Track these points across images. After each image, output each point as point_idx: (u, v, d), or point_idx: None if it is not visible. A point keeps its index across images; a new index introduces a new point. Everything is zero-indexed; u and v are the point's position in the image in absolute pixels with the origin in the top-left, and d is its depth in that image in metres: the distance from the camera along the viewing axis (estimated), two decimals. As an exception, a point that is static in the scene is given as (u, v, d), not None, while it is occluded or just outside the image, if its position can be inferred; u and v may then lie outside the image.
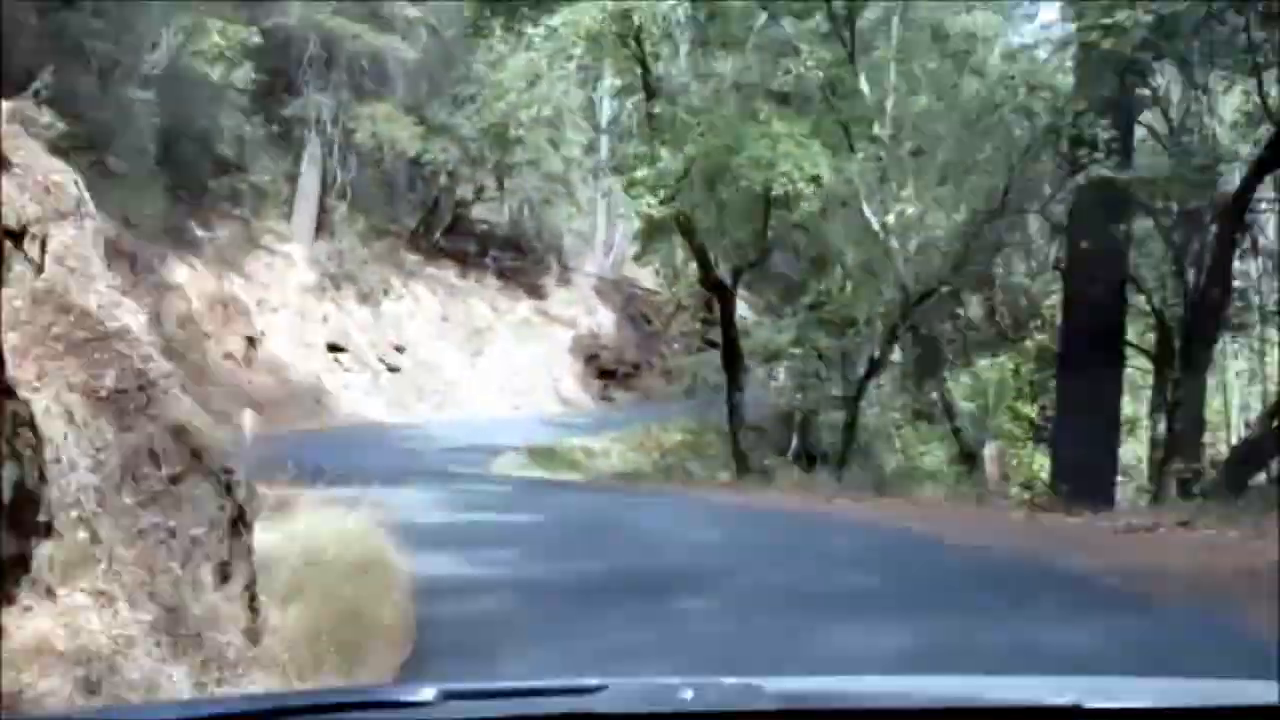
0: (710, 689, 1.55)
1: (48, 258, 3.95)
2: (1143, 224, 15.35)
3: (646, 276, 31.69)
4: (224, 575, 4.10)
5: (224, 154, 23.23)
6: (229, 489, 4.19)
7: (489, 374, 27.12)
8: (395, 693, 1.63)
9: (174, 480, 3.96)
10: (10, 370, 3.51)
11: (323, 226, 25.39)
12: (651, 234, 18.74)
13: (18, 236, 3.82)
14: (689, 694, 1.52)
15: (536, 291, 30.07)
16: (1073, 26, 14.46)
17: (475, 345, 27.32)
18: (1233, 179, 14.86)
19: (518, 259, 30.08)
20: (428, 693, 1.52)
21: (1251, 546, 7.68)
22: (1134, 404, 18.15)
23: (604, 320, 30.74)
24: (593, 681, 1.54)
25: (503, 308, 28.74)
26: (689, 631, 5.87)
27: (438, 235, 28.73)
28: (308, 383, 22.66)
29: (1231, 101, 15.94)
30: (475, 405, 25.73)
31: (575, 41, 14.73)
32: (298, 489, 7.11)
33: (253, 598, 4.27)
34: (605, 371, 29.52)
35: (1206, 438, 15.75)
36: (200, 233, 22.60)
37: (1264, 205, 15.85)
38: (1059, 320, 16.39)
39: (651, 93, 16.01)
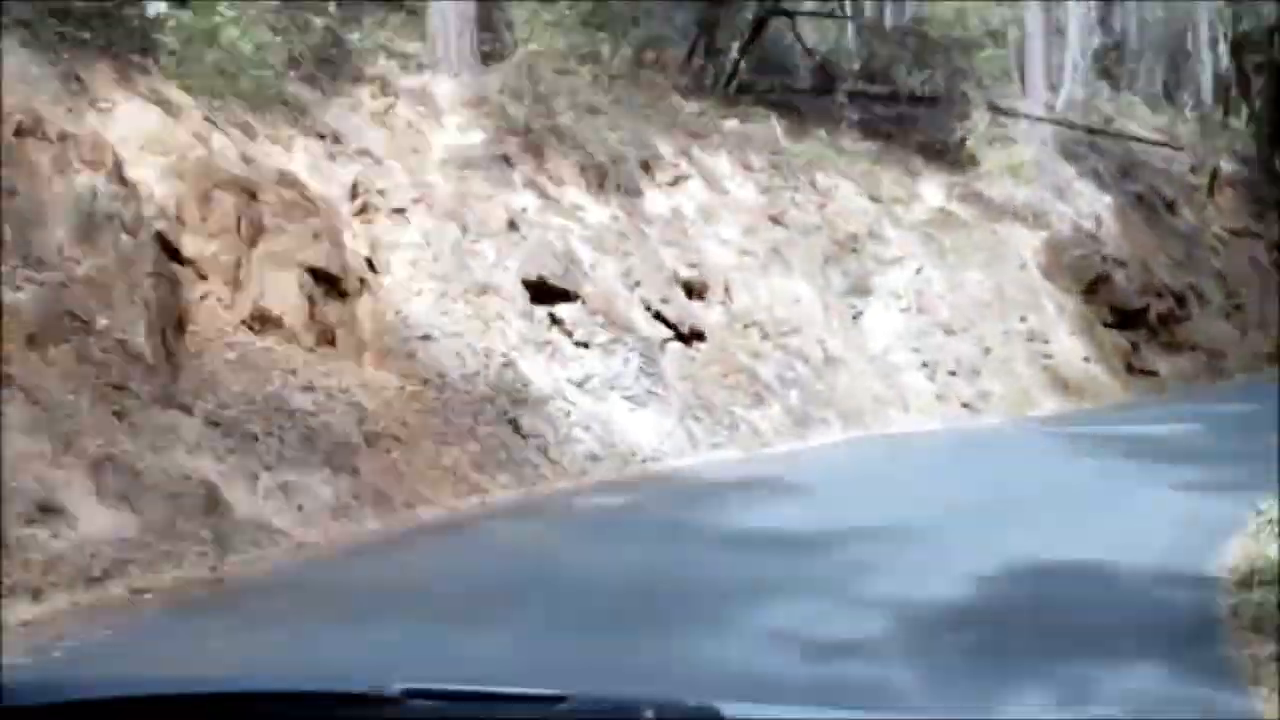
0: (670, 709, 1.54)
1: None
2: None
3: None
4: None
5: None
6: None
7: (888, 333, 12.12)
8: (358, 688, 1.59)
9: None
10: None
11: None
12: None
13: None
14: (650, 713, 1.51)
15: (944, 156, 14.57)
16: None
17: (851, 274, 12.34)
18: None
19: (893, 100, 14.80)
20: (391, 690, 1.54)
21: None
22: None
23: (1095, 205, 14.89)
24: (554, 692, 1.54)
25: (892, 192, 13.48)
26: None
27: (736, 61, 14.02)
28: (484, 374, 8.53)
29: None
30: (884, 413, 10.91)
31: None
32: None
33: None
34: (1125, 314, 13.77)
35: None
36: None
37: None
38: None
39: None
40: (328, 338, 8.17)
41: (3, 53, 7.12)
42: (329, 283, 8.42)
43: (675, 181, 11.90)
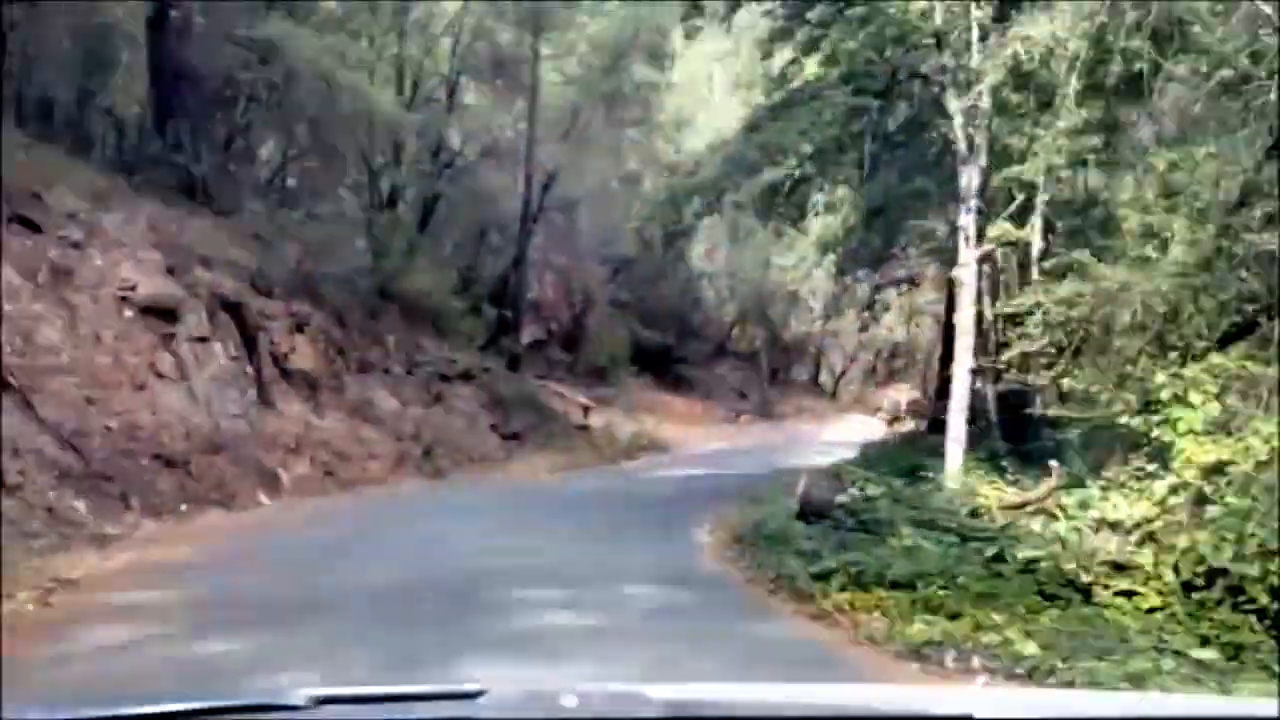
0: (594, 696, 1.50)
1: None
2: None
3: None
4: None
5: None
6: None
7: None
8: (269, 697, 1.54)
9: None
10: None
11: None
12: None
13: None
14: (573, 700, 1.47)
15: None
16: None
17: None
18: None
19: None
20: (301, 697, 1.48)
21: None
22: None
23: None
24: (471, 687, 1.49)
25: None
26: None
27: None
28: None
29: None
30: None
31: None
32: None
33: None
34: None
35: None
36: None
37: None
38: None
39: None
40: None
41: None
42: None
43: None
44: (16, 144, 13.49)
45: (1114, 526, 7.84)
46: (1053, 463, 9.57)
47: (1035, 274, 11.75)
